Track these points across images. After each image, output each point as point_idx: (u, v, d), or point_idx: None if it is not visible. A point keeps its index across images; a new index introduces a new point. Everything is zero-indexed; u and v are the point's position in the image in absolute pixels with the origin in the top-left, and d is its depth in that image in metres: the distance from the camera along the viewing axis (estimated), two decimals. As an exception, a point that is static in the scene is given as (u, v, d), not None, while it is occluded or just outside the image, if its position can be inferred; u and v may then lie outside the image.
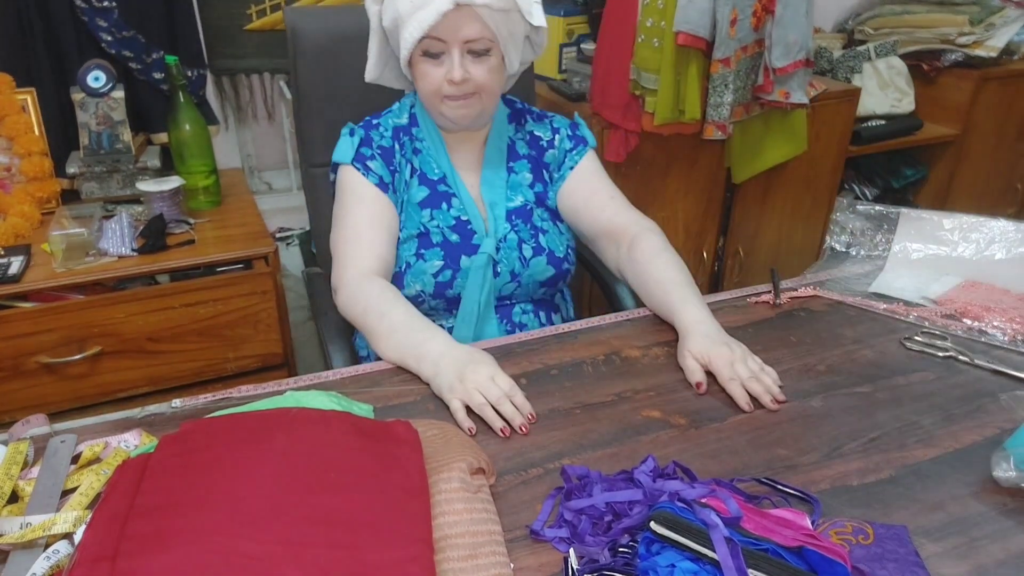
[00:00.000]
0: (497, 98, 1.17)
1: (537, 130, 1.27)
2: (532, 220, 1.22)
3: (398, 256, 1.17)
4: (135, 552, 0.59)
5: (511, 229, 1.20)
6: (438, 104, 1.12)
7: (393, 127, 1.20)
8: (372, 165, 1.15)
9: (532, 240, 1.21)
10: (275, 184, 2.21)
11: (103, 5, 1.66)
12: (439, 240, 1.17)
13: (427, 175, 1.20)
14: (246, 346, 1.57)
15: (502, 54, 1.10)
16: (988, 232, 1.23)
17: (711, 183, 2.08)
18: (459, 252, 1.17)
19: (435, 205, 1.19)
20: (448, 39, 1.05)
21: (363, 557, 0.61)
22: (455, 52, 1.06)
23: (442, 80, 1.08)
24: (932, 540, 0.72)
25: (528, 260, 1.20)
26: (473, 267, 1.16)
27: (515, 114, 1.27)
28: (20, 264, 1.43)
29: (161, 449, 0.71)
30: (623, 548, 0.68)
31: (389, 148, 1.18)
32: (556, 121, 1.28)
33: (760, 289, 1.23)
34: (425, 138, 1.21)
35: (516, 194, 1.23)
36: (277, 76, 2.02)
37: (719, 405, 0.93)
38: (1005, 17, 2.39)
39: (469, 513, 0.70)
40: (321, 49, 1.36)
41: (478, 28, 1.05)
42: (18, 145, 1.58)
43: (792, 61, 1.82)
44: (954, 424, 0.90)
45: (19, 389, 1.43)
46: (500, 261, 1.18)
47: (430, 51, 1.07)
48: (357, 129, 1.18)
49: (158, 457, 0.70)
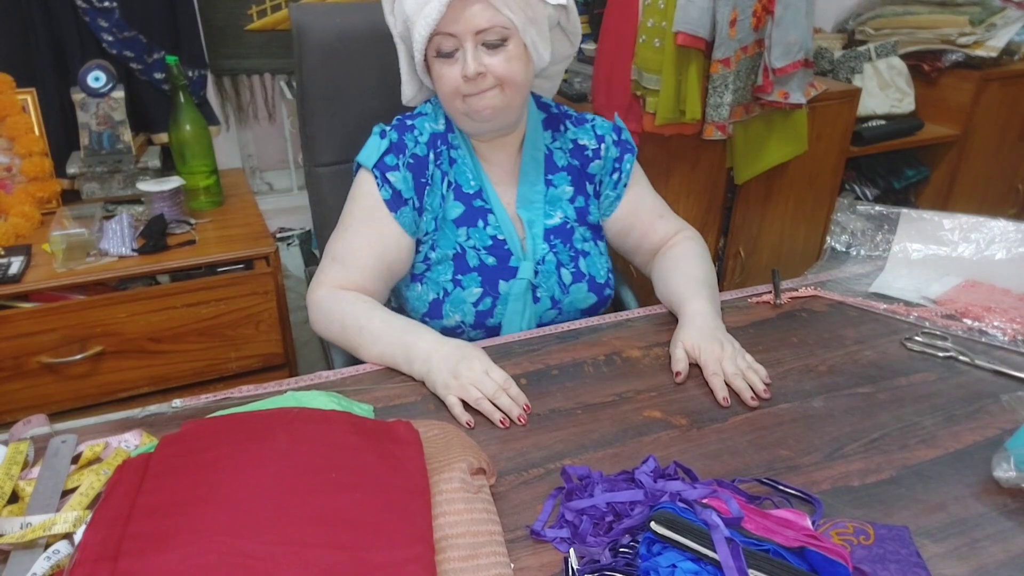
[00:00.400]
0: (524, 92, 1.06)
1: (581, 137, 1.17)
2: (572, 241, 1.15)
3: (433, 281, 1.11)
4: (137, 552, 0.59)
5: (549, 250, 1.13)
6: (460, 105, 1.04)
7: (431, 132, 1.11)
8: (392, 177, 1.07)
9: (572, 264, 1.14)
10: (276, 184, 2.21)
11: (104, 5, 1.66)
12: (476, 264, 1.11)
13: (462, 188, 1.12)
14: (247, 346, 1.57)
15: (523, 43, 1.02)
16: (988, 232, 1.23)
17: (712, 184, 2.08)
18: (496, 276, 1.11)
19: (471, 223, 1.11)
20: (458, 32, 0.99)
21: (364, 557, 0.61)
22: (468, 46, 0.99)
23: (459, 79, 1.01)
24: (933, 541, 0.72)
25: (568, 286, 1.14)
26: (512, 294, 1.10)
27: (551, 119, 1.18)
28: (21, 264, 1.43)
29: (162, 449, 0.71)
30: (624, 548, 0.68)
31: (423, 157, 1.09)
32: (599, 126, 1.19)
33: (761, 289, 1.23)
34: (460, 146, 1.12)
35: (555, 210, 1.15)
36: (278, 76, 2.02)
37: (720, 406, 0.93)
38: (1006, 17, 2.39)
39: (469, 513, 0.70)
40: (327, 47, 1.34)
41: (489, 16, 0.98)
42: (19, 145, 1.58)
43: (792, 61, 1.82)
44: (955, 424, 0.90)
45: (20, 389, 1.43)
46: (539, 286, 1.12)
47: (443, 50, 1.01)
48: (389, 132, 1.10)
49: (159, 457, 0.70)
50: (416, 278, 1.14)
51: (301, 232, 2.14)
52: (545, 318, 1.16)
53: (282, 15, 1.92)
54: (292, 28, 1.34)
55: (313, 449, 0.70)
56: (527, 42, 1.02)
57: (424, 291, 1.12)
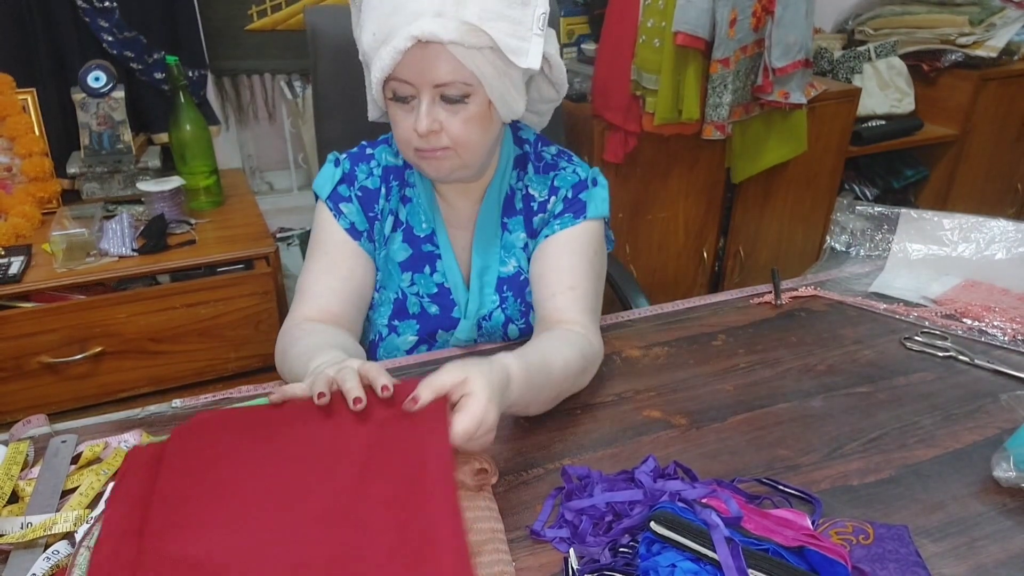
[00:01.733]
0: (480, 152, 0.93)
1: (533, 186, 1.04)
2: (524, 294, 1.05)
3: (372, 322, 1.06)
4: (161, 530, 0.60)
5: (498, 304, 1.04)
6: (412, 156, 0.93)
7: (385, 165, 1.03)
8: (346, 209, 1.00)
9: (521, 319, 1.05)
10: (276, 184, 2.22)
11: (104, 5, 1.66)
12: (416, 311, 1.05)
13: (413, 230, 1.04)
14: (247, 346, 1.57)
15: (488, 99, 0.89)
16: (988, 232, 1.23)
17: (711, 184, 2.08)
18: (436, 326, 1.05)
19: (417, 269, 1.04)
20: (415, 82, 0.86)
21: (393, 539, 0.60)
22: (424, 98, 0.86)
23: (411, 129, 0.89)
24: (932, 540, 0.72)
25: (514, 341, 1.05)
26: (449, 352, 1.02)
27: (522, 158, 1.05)
28: (21, 264, 1.43)
29: (176, 439, 0.71)
30: (623, 548, 0.68)
31: (374, 191, 1.02)
32: (560, 178, 1.02)
33: (761, 289, 1.23)
34: (416, 184, 1.03)
35: (509, 257, 1.04)
36: (278, 76, 2.02)
37: (720, 405, 0.93)
38: (1005, 17, 2.40)
39: (472, 511, 0.70)
40: (341, 49, 1.32)
41: (449, 70, 0.84)
42: (19, 145, 1.58)
43: (792, 61, 1.83)
44: (954, 424, 0.90)
45: (20, 389, 1.43)
46: (479, 340, 1.05)
47: (398, 93, 0.88)
48: (343, 161, 1.03)
49: (174, 446, 0.70)
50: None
51: (301, 232, 2.14)
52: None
53: (282, 15, 1.93)
54: (307, 30, 1.33)
55: (336, 433, 0.69)
56: (493, 98, 0.89)
57: (363, 331, 1.07)
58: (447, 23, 0.81)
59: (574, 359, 0.88)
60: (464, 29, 0.82)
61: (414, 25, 0.82)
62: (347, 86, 1.36)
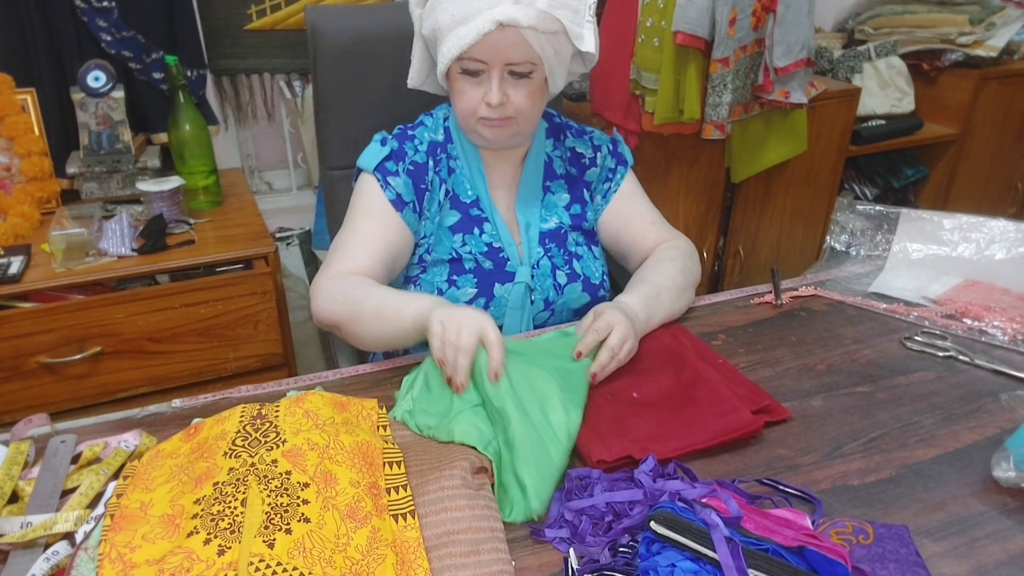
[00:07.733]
0: (535, 121, 1.09)
1: (579, 147, 1.20)
2: (566, 244, 1.17)
3: (427, 280, 1.13)
4: None
5: (544, 254, 1.15)
6: (473, 124, 1.06)
7: (429, 141, 1.13)
8: (393, 181, 1.08)
9: (566, 266, 1.16)
10: (275, 184, 2.21)
11: (103, 5, 1.66)
12: (472, 267, 1.12)
13: (460, 197, 1.14)
14: (246, 346, 1.57)
15: (545, 76, 1.03)
16: (988, 232, 1.23)
17: (711, 183, 2.08)
18: (493, 279, 1.12)
19: (467, 230, 1.13)
20: (488, 60, 0.98)
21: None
22: (495, 74, 0.99)
23: (479, 101, 1.02)
24: (933, 540, 0.72)
25: (563, 287, 1.15)
26: (512, 297, 1.12)
27: (553, 128, 1.20)
28: (20, 264, 1.43)
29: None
30: (623, 548, 0.68)
31: (423, 164, 1.11)
32: (597, 137, 1.22)
33: (761, 289, 1.23)
34: (460, 156, 1.14)
35: (551, 215, 1.17)
36: (277, 76, 2.02)
37: (719, 405, 0.93)
38: (1005, 17, 2.40)
39: (471, 510, 0.70)
40: (343, 50, 1.33)
41: (522, 51, 0.98)
42: (18, 145, 1.58)
43: (794, 60, 1.82)
44: (954, 424, 0.90)
45: (19, 389, 1.43)
46: (535, 288, 1.14)
47: (468, 69, 1.00)
48: (390, 140, 1.12)
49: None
50: (410, 279, 1.15)
51: (300, 232, 2.14)
52: (538, 320, 1.16)
53: (282, 15, 1.92)
54: (307, 30, 1.33)
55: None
56: (549, 75, 1.03)
57: (417, 292, 1.12)
58: (527, 10, 0.94)
59: (675, 268, 1.12)
60: (540, 16, 0.95)
61: (497, 10, 0.94)
62: (347, 85, 1.36)
